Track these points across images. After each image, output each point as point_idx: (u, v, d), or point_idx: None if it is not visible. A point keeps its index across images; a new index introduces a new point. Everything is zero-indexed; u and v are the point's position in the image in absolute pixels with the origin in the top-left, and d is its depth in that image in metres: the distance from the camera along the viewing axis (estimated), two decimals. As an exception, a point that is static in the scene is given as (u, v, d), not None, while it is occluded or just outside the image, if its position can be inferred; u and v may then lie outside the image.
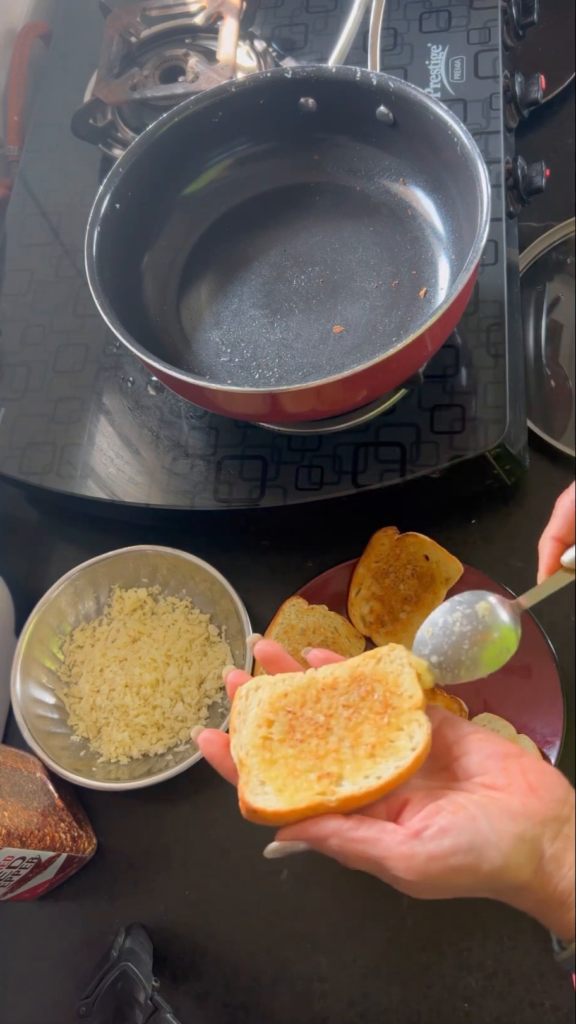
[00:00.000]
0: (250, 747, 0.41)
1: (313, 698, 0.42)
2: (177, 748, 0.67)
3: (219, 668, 0.69)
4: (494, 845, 0.35)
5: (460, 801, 0.37)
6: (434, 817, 0.36)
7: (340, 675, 0.43)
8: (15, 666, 0.68)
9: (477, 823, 0.36)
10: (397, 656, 0.42)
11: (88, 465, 0.70)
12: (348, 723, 0.41)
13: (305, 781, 0.39)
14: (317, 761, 0.40)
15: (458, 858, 0.35)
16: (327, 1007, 0.61)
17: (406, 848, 0.36)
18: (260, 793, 0.39)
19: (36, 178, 0.84)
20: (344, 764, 0.39)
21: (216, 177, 0.73)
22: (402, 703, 0.41)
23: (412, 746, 0.39)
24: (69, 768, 0.65)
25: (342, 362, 0.64)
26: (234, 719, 0.42)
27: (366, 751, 0.39)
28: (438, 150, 0.62)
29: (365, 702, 0.41)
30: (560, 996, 0.58)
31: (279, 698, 0.42)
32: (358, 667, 0.43)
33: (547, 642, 0.65)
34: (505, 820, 0.36)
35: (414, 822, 0.37)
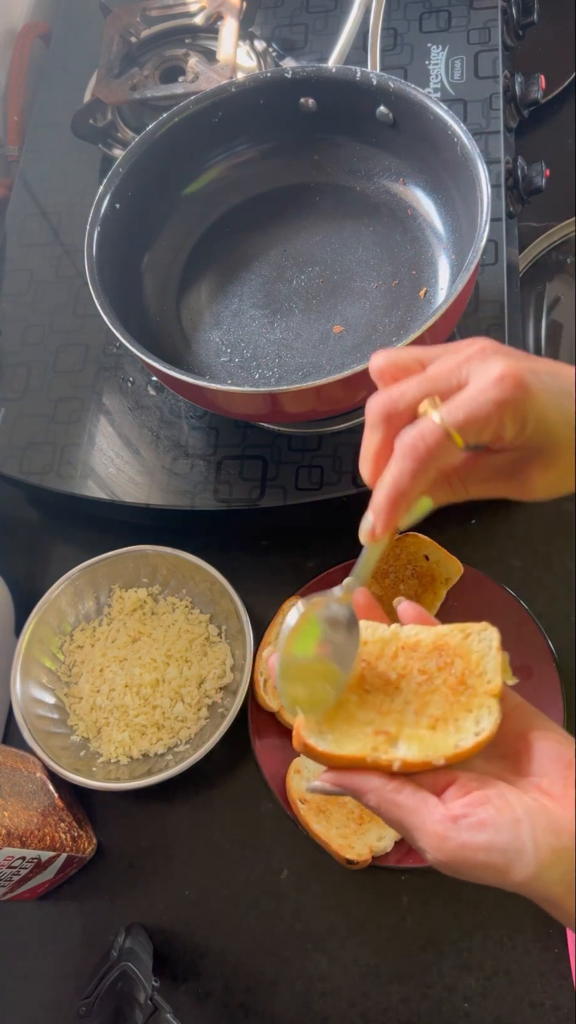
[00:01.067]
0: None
1: (391, 654, 0.41)
2: (177, 748, 0.67)
3: (219, 668, 0.69)
4: (530, 855, 0.34)
5: (510, 799, 0.35)
6: (477, 808, 0.35)
7: (424, 639, 0.41)
8: (15, 666, 0.68)
9: (520, 828, 0.35)
10: (487, 637, 0.41)
11: (88, 465, 0.70)
12: (419, 689, 0.40)
13: (362, 732, 0.38)
14: (379, 716, 0.39)
15: (490, 855, 0.34)
16: (327, 1007, 0.61)
17: (441, 828, 0.35)
18: (316, 732, 0.38)
19: (36, 178, 0.84)
20: (404, 727, 0.38)
21: (216, 177, 0.73)
22: (479, 685, 0.39)
23: (477, 731, 0.38)
24: (69, 768, 0.65)
25: (342, 362, 0.64)
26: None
27: (429, 722, 0.38)
28: (438, 150, 0.62)
29: (441, 673, 0.40)
30: (560, 996, 0.58)
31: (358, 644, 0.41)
32: (444, 636, 0.41)
33: (547, 642, 0.65)
34: (549, 834, 0.35)
35: (456, 805, 0.36)
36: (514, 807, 0.35)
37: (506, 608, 0.67)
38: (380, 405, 0.40)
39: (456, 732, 0.38)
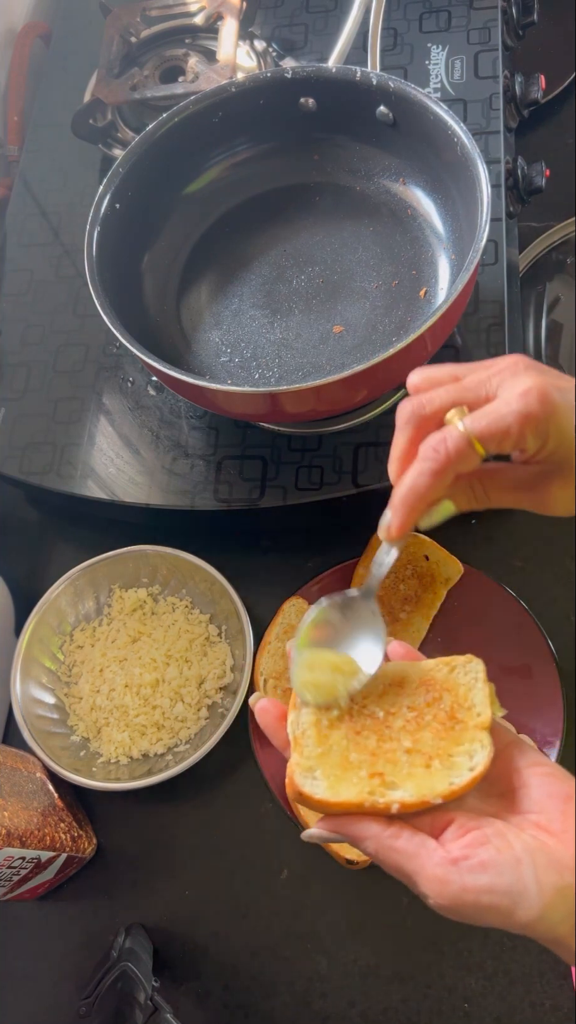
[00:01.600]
0: (307, 727, 0.40)
1: (378, 692, 0.41)
2: (177, 748, 0.67)
3: (219, 668, 0.69)
4: (534, 895, 0.33)
5: (509, 838, 0.35)
6: (477, 848, 0.35)
7: (410, 674, 0.42)
8: (15, 666, 0.68)
9: (521, 868, 0.34)
10: (473, 669, 0.41)
11: (88, 465, 0.70)
12: (408, 726, 0.40)
13: (356, 776, 0.38)
14: (371, 758, 0.38)
15: (493, 898, 0.34)
16: (327, 1007, 0.61)
17: (441, 872, 0.34)
18: (310, 777, 0.38)
19: (36, 178, 0.84)
20: (398, 768, 0.38)
21: (216, 177, 0.73)
22: (469, 719, 0.39)
23: (471, 766, 0.37)
24: (69, 768, 0.65)
25: (342, 362, 0.64)
26: (295, 696, 0.41)
27: (423, 760, 0.38)
28: (438, 150, 0.62)
29: (430, 708, 0.40)
30: (560, 996, 0.58)
31: None
32: (430, 671, 0.42)
33: (547, 642, 0.65)
34: (551, 872, 0.34)
35: (455, 847, 0.35)
36: (514, 846, 0.34)
37: (506, 608, 0.67)
38: (410, 408, 0.41)
39: (450, 769, 0.37)
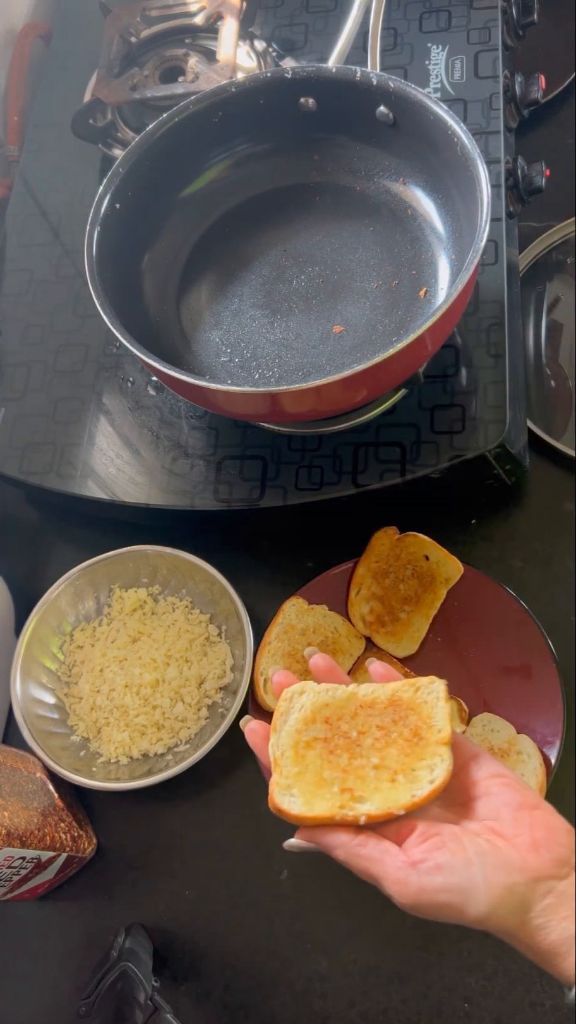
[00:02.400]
0: (286, 748, 0.44)
1: (351, 713, 0.45)
2: (177, 748, 0.67)
3: (219, 668, 0.69)
4: (482, 892, 0.37)
5: (464, 842, 0.39)
6: (433, 852, 0.39)
7: (380, 696, 0.45)
8: (15, 666, 0.68)
9: (471, 869, 0.38)
10: (435, 689, 0.45)
11: (88, 465, 0.70)
12: (377, 743, 0.43)
13: (328, 792, 0.42)
14: (342, 774, 0.43)
15: (446, 896, 0.38)
16: (327, 1007, 0.61)
17: (402, 875, 0.38)
18: (287, 795, 0.42)
19: (36, 178, 0.84)
20: (366, 783, 0.42)
21: (216, 177, 0.73)
22: (431, 735, 0.43)
23: (431, 779, 0.41)
24: (69, 768, 0.65)
25: (342, 362, 0.64)
26: (276, 719, 0.45)
27: (388, 775, 0.42)
28: (438, 150, 0.62)
29: (397, 726, 0.44)
30: (560, 996, 0.58)
31: (320, 707, 0.45)
32: (397, 691, 0.45)
33: (547, 642, 0.65)
34: (499, 872, 0.38)
35: (416, 852, 0.39)
36: (467, 849, 0.38)
37: (506, 608, 0.67)
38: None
39: (413, 783, 0.41)
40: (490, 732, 0.63)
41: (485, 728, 0.63)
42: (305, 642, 0.68)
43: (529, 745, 0.62)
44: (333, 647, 0.68)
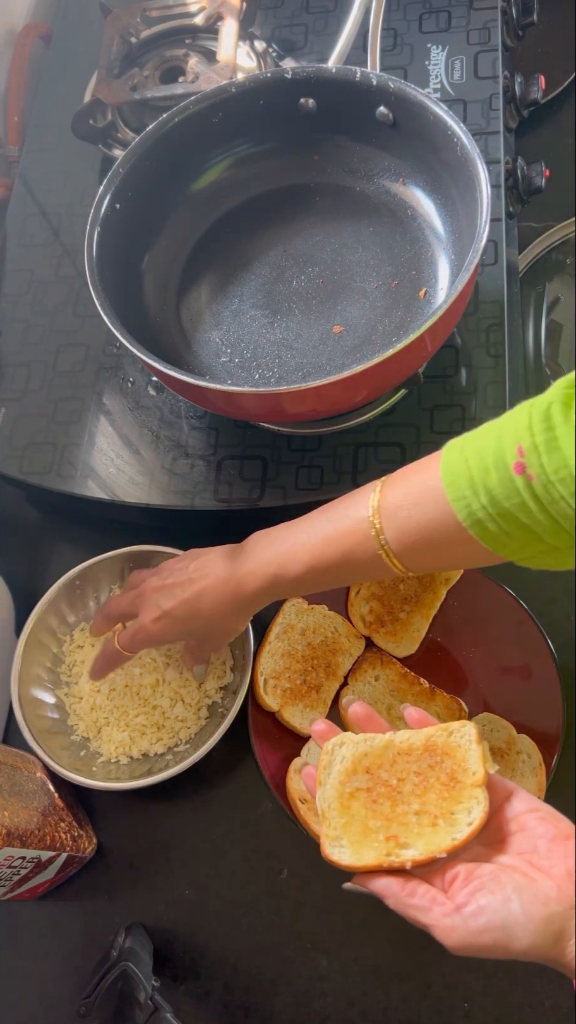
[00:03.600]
0: (332, 800, 0.47)
1: (389, 761, 0.48)
2: (177, 748, 0.67)
3: (219, 668, 0.69)
4: (523, 927, 0.40)
5: (502, 879, 0.41)
6: (476, 895, 0.41)
7: (415, 742, 0.48)
8: (15, 665, 0.68)
9: (511, 905, 0.40)
10: (467, 733, 0.47)
11: (88, 465, 0.70)
12: (416, 789, 0.46)
13: (375, 840, 0.45)
14: (386, 822, 0.45)
15: (490, 935, 0.40)
16: (327, 1006, 0.61)
17: (449, 922, 0.41)
18: (337, 847, 0.45)
19: (36, 178, 0.84)
20: (409, 829, 0.45)
21: (216, 177, 0.73)
22: (466, 778, 0.46)
23: (469, 821, 0.44)
24: (69, 768, 0.65)
25: (342, 362, 0.64)
26: (320, 772, 0.48)
27: (429, 820, 0.45)
28: (438, 150, 0.62)
29: (434, 771, 0.47)
30: (560, 996, 0.58)
31: (360, 757, 0.48)
32: (432, 736, 0.48)
33: (547, 642, 0.65)
34: (537, 904, 0.40)
35: (460, 896, 0.41)
36: (505, 887, 0.41)
37: (506, 608, 0.67)
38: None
39: (452, 826, 0.44)
40: (490, 732, 0.63)
41: (485, 728, 0.63)
42: (305, 642, 0.68)
43: (529, 745, 0.62)
44: (333, 647, 0.68)
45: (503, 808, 0.45)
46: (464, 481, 0.44)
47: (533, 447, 0.41)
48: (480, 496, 0.44)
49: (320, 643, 0.68)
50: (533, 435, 0.42)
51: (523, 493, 0.42)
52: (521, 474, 0.42)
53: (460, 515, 0.45)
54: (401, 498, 0.49)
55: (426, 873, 0.44)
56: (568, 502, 0.41)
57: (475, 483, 0.44)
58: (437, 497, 0.46)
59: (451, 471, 0.45)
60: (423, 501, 0.47)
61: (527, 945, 0.39)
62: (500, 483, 0.43)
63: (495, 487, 0.43)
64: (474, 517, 0.45)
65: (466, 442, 0.46)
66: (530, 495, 0.42)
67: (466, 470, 0.45)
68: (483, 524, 0.44)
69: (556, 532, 0.43)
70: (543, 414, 0.42)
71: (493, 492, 0.43)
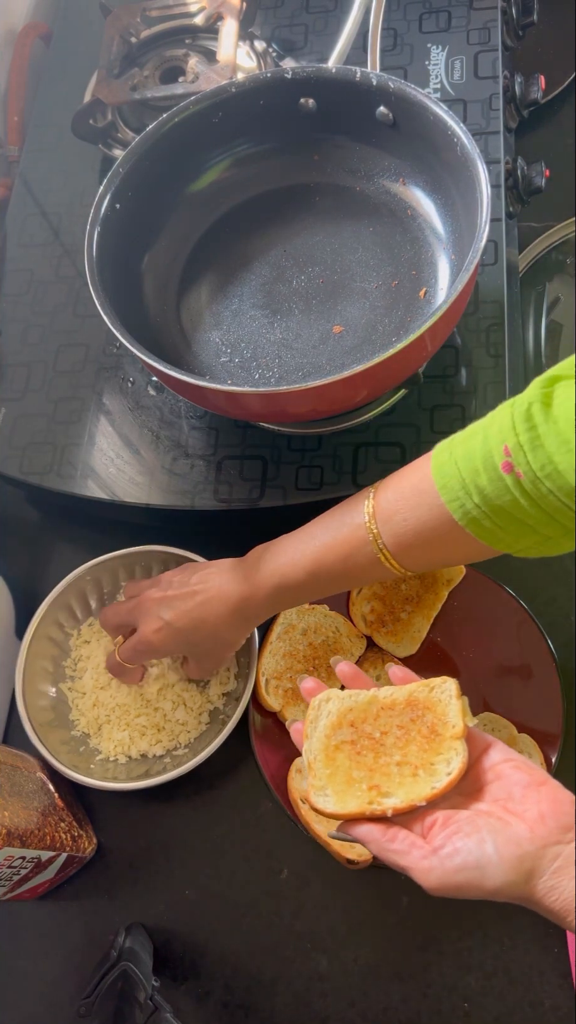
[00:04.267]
0: (318, 753, 0.48)
1: (373, 715, 0.49)
2: (176, 751, 0.67)
3: (223, 674, 0.69)
4: (496, 866, 0.41)
5: (478, 823, 0.43)
6: (452, 837, 0.43)
7: (398, 697, 0.50)
8: (21, 654, 0.67)
9: (484, 846, 0.42)
10: (447, 688, 0.49)
11: (88, 465, 0.70)
12: (398, 742, 0.48)
13: (358, 789, 0.46)
14: (369, 773, 0.47)
15: (464, 874, 0.42)
16: (327, 1007, 0.61)
17: (426, 863, 0.42)
18: (322, 796, 0.47)
19: (36, 178, 0.84)
20: (391, 779, 0.46)
21: (216, 177, 0.73)
22: (445, 731, 0.47)
23: (448, 771, 0.45)
24: (67, 764, 0.65)
25: (342, 362, 0.64)
26: (307, 725, 0.49)
27: (410, 770, 0.46)
28: (438, 150, 0.62)
29: (415, 725, 0.48)
30: (560, 996, 0.58)
31: (346, 712, 0.49)
32: (414, 692, 0.49)
33: (547, 642, 0.65)
34: (510, 845, 0.42)
35: (437, 840, 0.43)
36: (480, 829, 0.42)
37: (506, 608, 0.67)
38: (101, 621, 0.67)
39: (432, 776, 0.46)
40: (491, 731, 0.63)
41: (486, 727, 0.63)
42: (306, 642, 0.68)
43: (530, 744, 0.62)
44: (334, 647, 0.68)
45: (481, 759, 0.47)
46: (456, 483, 0.47)
47: (518, 446, 0.44)
48: (473, 496, 0.46)
49: (321, 643, 0.68)
50: (517, 434, 0.44)
51: (513, 490, 0.44)
52: (510, 472, 0.44)
53: (456, 515, 0.47)
54: (395, 502, 0.51)
55: (406, 820, 0.45)
56: (557, 496, 0.43)
57: (467, 484, 0.46)
58: (430, 499, 0.48)
59: (442, 473, 0.48)
60: (417, 504, 0.49)
61: (500, 883, 0.41)
62: (490, 482, 0.45)
63: (486, 486, 0.45)
64: (469, 516, 0.47)
65: (453, 444, 0.49)
66: (520, 492, 0.44)
67: (456, 472, 0.47)
68: (478, 522, 0.47)
69: (549, 523, 0.45)
70: (524, 414, 0.44)
71: (485, 491, 0.46)
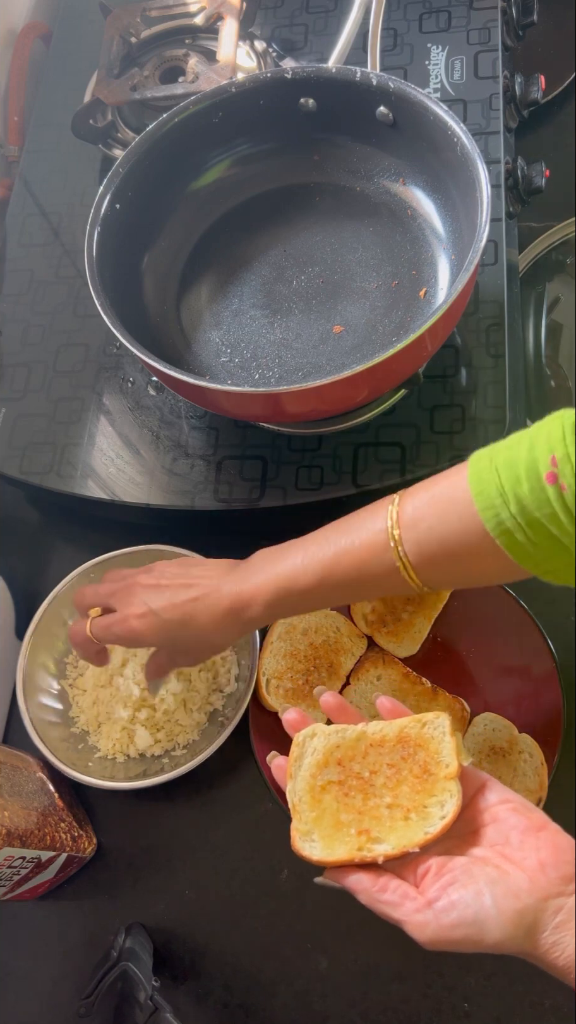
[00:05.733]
0: (303, 794, 0.46)
1: (361, 753, 0.47)
2: (174, 752, 0.67)
3: (224, 676, 0.68)
4: (494, 920, 0.39)
5: (474, 873, 0.41)
6: (447, 889, 0.40)
7: (388, 733, 0.47)
8: (24, 649, 0.67)
9: (482, 899, 0.39)
10: (440, 724, 0.46)
11: (88, 465, 0.70)
12: (389, 782, 0.45)
13: (346, 834, 0.44)
14: (358, 816, 0.45)
15: (462, 930, 0.39)
16: (327, 1007, 0.61)
17: (420, 917, 0.40)
18: (308, 841, 0.44)
19: (36, 178, 0.84)
20: (381, 823, 0.44)
21: (216, 177, 0.73)
22: (439, 771, 0.45)
23: (442, 814, 0.43)
24: (65, 761, 0.64)
25: (342, 362, 0.64)
26: (290, 764, 0.47)
27: (402, 813, 0.44)
28: (438, 150, 0.62)
29: (406, 763, 0.46)
30: (560, 996, 0.58)
31: (332, 749, 0.47)
32: (405, 728, 0.47)
33: (547, 642, 0.65)
34: (509, 898, 0.39)
35: (431, 891, 0.41)
36: (477, 881, 0.40)
37: (506, 608, 0.67)
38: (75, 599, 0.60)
39: (425, 820, 0.44)
40: (492, 731, 0.63)
41: (487, 727, 0.63)
42: (307, 642, 0.68)
43: (531, 744, 0.62)
44: (335, 647, 0.68)
45: (476, 799, 0.45)
46: (494, 490, 0.44)
47: (567, 457, 0.41)
48: (510, 505, 0.43)
49: (322, 643, 0.68)
50: (566, 445, 0.41)
51: (554, 503, 0.42)
52: (554, 484, 0.42)
53: (488, 524, 0.44)
54: (423, 509, 0.48)
55: (398, 867, 0.43)
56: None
57: (505, 492, 0.43)
58: (462, 508, 0.45)
59: (480, 480, 0.45)
60: (447, 511, 0.46)
61: (499, 938, 0.39)
62: (531, 492, 0.42)
63: (526, 496, 0.43)
64: (503, 527, 0.44)
65: (495, 452, 0.46)
66: (561, 506, 0.42)
67: (496, 479, 0.44)
68: (511, 534, 0.44)
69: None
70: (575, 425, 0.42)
71: (524, 501, 0.43)
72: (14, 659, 0.69)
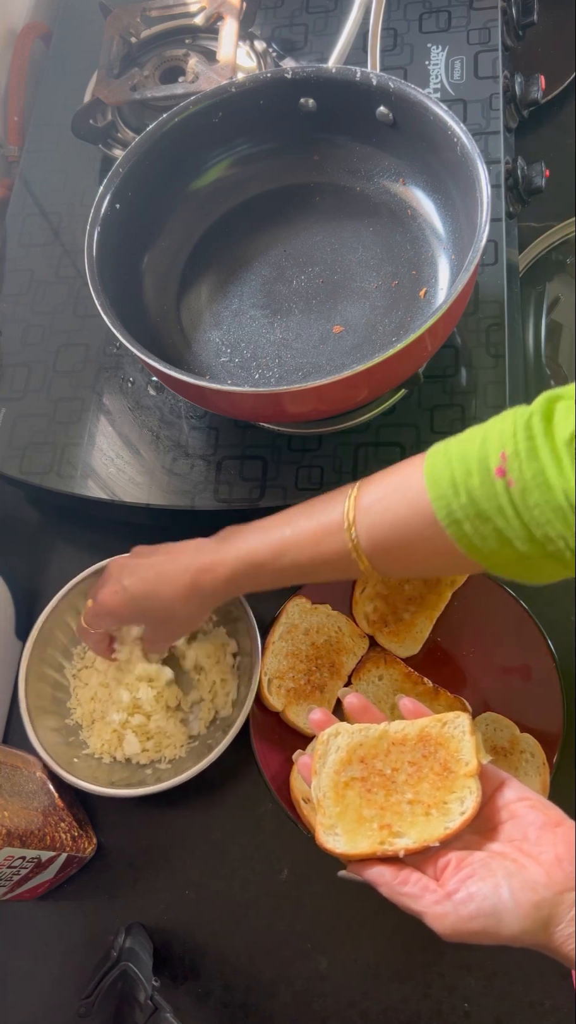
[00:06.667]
0: (327, 790, 0.47)
1: (384, 751, 0.48)
2: (159, 765, 0.66)
3: (223, 699, 0.68)
4: (512, 912, 0.40)
5: (492, 866, 0.42)
6: (466, 881, 0.42)
7: (409, 733, 0.48)
8: (34, 630, 0.67)
9: (500, 891, 0.41)
10: (460, 724, 0.48)
11: (88, 465, 0.70)
12: (410, 779, 0.47)
13: (369, 829, 0.46)
14: (380, 811, 0.46)
15: (480, 921, 0.41)
16: (327, 1007, 0.61)
17: (440, 909, 0.41)
18: (332, 835, 0.46)
19: (36, 178, 0.84)
20: (403, 818, 0.46)
21: (216, 177, 0.73)
22: (459, 768, 0.46)
23: (462, 810, 0.45)
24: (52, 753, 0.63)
25: (342, 362, 0.64)
26: (315, 761, 0.48)
27: (423, 809, 0.46)
28: (438, 150, 0.62)
29: (427, 761, 0.47)
30: (560, 996, 0.58)
31: (355, 747, 0.48)
32: (426, 727, 0.48)
33: (547, 642, 0.65)
34: (526, 890, 0.40)
35: (451, 883, 0.42)
36: (495, 874, 0.41)
37: (506, 608, 0.67)
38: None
39: (445, 815, 0.45)
40: (493, 731, 0.63)
41: (489, 727, 0.63)
42: (309, 641, 0.68)
43: (532, 744, 0.62)
44: (336, 646, 0.68)
45: (495, 797, 0.46)
46: (446, 481, 0.46)
47: (515, 453, 0.43)
48: (460, 496, 0.45)
49: (324, 643, 0.68)
50: (516, 442, 0.43)
51: (501, 497, 0.44)
52: (502, 478, 0.44)
53: (439, 514, 0.46)
54: (378, 493, 0.50)
55: (419, 861, 0.44)
56: (542, 510, 0.43)
57: (457, 483, 0.46)
58: (414, 495, 0.48)
59: (434, 471, 0.47)
60: (401, 498, 0.49)
61: (516, 931, 0.40)
62: (481, 485, 0.45)
63: (476, 488, 0.45)
64: (453, 516, 0.46)
65: (450, 445, 0.48)
66: (507, 500, 0.44)
67: (449, 471, 0.46)
68: (460, 524, 0.46)
69: (528, 539, 0.44)
70: (525, 423, 0.44)
71: (473, 493, 0.45)
72: (14, 659, 0.69)
